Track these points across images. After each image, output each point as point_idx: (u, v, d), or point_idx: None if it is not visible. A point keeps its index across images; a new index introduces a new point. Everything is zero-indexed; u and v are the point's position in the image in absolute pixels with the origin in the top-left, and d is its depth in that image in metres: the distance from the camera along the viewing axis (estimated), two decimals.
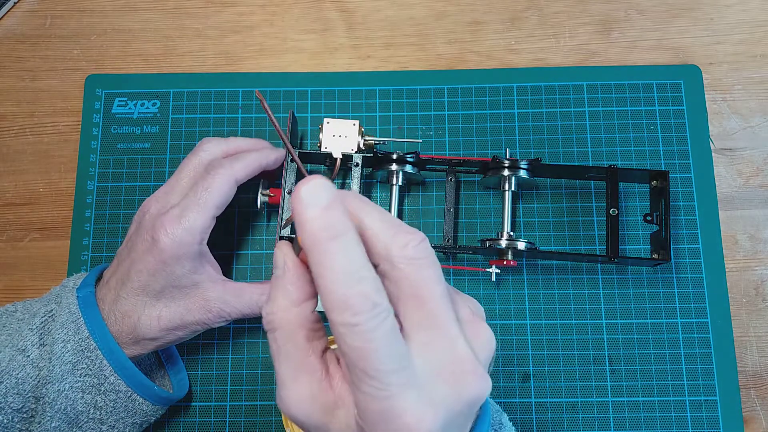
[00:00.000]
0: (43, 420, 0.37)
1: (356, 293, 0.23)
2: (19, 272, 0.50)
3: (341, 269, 0.23)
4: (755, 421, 0.47)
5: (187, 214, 0.39)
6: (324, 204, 0.23)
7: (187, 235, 0.39)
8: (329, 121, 0.48)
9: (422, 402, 0.24)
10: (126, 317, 0.39)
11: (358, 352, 0.23)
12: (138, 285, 0.39)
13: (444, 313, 0.25)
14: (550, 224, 0.50)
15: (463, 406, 0.25)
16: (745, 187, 0.51)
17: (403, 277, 0.25)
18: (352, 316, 0.23)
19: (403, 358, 0.24)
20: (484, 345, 0.27)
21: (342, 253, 0.23)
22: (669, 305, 0.48)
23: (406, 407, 0.23)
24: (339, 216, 0.23)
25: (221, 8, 0.55)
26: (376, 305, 0.23)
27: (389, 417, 0.23)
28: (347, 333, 0.23)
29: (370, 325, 0.23)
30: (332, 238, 0.23)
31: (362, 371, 0.23)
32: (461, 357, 0.25)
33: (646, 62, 0.53)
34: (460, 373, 0.25)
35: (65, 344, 0.38)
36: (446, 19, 0.55)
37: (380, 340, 0.23)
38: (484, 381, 0.25)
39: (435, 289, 0.25)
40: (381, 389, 0.23)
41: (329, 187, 0.23)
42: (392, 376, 0.23)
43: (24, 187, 0.52)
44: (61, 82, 0.54)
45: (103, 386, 0.38)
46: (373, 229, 0.25)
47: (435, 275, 0.25)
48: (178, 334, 0.41)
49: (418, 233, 0.26)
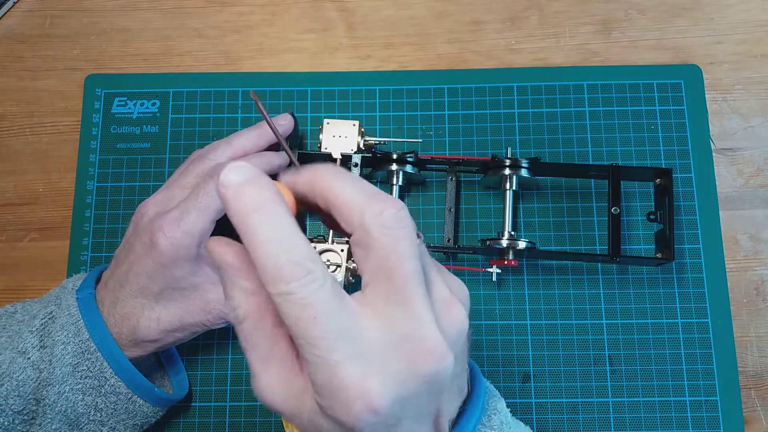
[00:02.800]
0: (43, 422, 0.37)
1: (286, 261, 0.23)
2: (19, 272, 0.50)
3: (267, 239, 0.23)
4: (756, 422, 0.46)
5: (186, 217, 0.39)
6: (240, 181, 0.24)
7: (186, 238, 0.38)
8: (329, 122, 0.48)
9: (371, 374, 0.23)
10: (125, 319, 0.39)
11: (297, 322, 0.23)
12: (136, 288, 0.39)
13: (411, 288, 0.24)
14: (550, 224, 0.50)
15: (419, 383, 0.24)
16: (746, 187, 0.51)
17: (374, 246, 0.24)
18: (285, 284, 0.23)
19: (351, 326, 0.23)
20: (452, 324, 0.26)
21: (267, 223, 0.23)
22: (669, 305, 0.48)
23: (351, 377, 0.23)
24: (259, 189, 0.24)
25: (221, 8, 0.55)
26: (310, 272, 0.23)
27: (336, 388, 0.23)
28: (283, 303, 0.23)
29: (305, 292, 0.23)
30: (254, 211, 0.23)
31: (304, 340, 0.23)
32: (423, 333, 0.24)
33: (647, 62, 0.53)
34: (419, 349, 0.24)
35: (65, 346, 0.37)
36: (446, 19, 0.54)
37: (318, 306, 0.23)
38: (443, 358, 0.24)
39: (405, 264, 0.24)
40: (324, 357, 0.23)
41: (246, 167, 0.24)
42: (335, 344, 0.23)
43: (23, 187, 0.52)
44: (60, 81, 0.54)
45: (103, 388, 0.38)
46: (348, 196, 0.25)
47: (408, 249, 0.25)
48: (178, 336, 0.41)
49: (397, 202, 0.25)
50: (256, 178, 0.24)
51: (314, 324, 0.23)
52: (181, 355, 0.47)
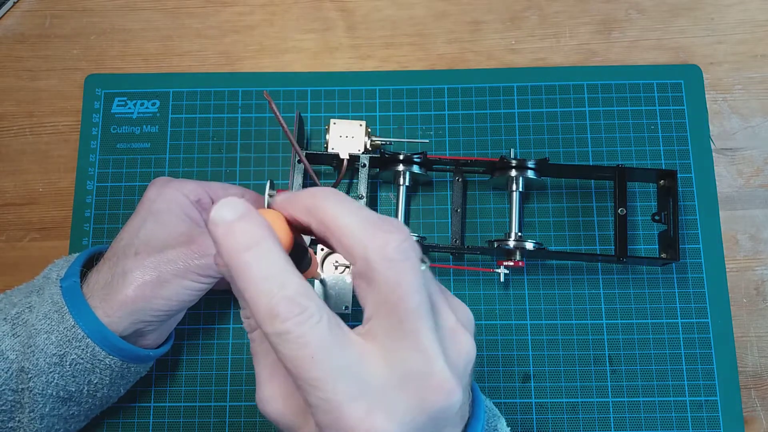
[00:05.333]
0: (35, 407, 0.37)
1: (280, 298, 0.22)
2: (19, 272, 0.50)
3: (260, 277, 0.22)
4: (756, 422, 0.46)
5: (181, 181, 0.42)
6: (231, 219, 0.23)
7: (175, 192, 0.41)
8: (336, 122, 0.48)
9: (376, 412, 0.22)
10: (115, 292, 0.38)
11: (295, 362, 0.22)
12: (131, 249, 0.38)
13: (417, 321, 0.23)
14: (550, 224, 0.50)
15: (426, 419, 0.23)
16: (746, 187, 0.51)
17: (378, 279, 0.23)
18: (281, 323, 0.22)
19: (352, 363, 0.23)
20: (460, 355, 0.25)
21: (259, 262, 0.23)
22: (669, 305, 0.48)
23: (356, 419, 0.22)
24: (250, 227, 0.23)
25: (221, 8, 0.55)
26: (305, 309, 0.22)
27: (340, 430, 0.22)
28: (280, 343, 0.22)
29: (301, 330, 0.22)
30: (246, 250, 0.23)
31: (304, 382, 0.22)
32: (430, 367, 0.23)
33: (647, 62, 0.53)
34: (427, 385, 0.23)
35: (48, 335, 0.37)
36: (446, 19, 0.54)
37: (315, 345, 0.22)
38: (452, 394, 0.23)
39: (411, 297, 0.23)
40: (326, 400, 0.22)
41: (237, 203, 0.23)
42: (336, 383, 0.22)
43: (23, 187, 0.52)
44: (60, 81, 0.54)
45: (97, 368, 0.38)
46: (349, 227, 0.24)
47: (413, 281, 0.24)
48: (164, 294, 0.38)
49: (401, 231, 0.24)
50: (247, 214, 0.23)
51: (313, 364, 0.22)
52: (181, 355, 0.47)
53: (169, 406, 0.47)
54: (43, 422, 0.38)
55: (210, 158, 0.52)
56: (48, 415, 0.38)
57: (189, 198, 0.42)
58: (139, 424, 0.46)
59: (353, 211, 0.25)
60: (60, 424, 0.39)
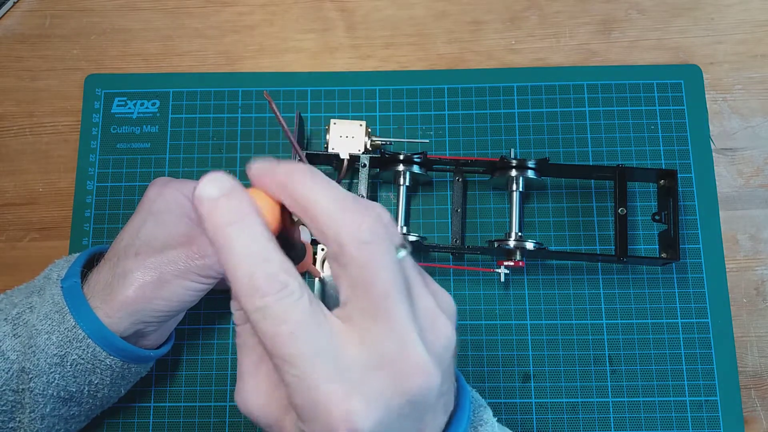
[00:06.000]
0: (35, 407, 0.37)
1: (261, 274, 0.22)
2: (19, 272, 0.50)
3: (242, 252, 0.23)
4: (756, 422, 0.46)
5: (181, 181, 0.42)
6: (215, 195, 0.23)
7: (175, 192, 0.41)
8: (336, 122, 0.48)
9: (353, 395, 0.22)
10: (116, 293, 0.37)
11: (273, 338, 0.22)
12: (132, 250, 0.38)
13: (392, 302, 0.23)
14: (550, 224, 0.50)
15: (404, 402, 0.23)
16: (746, 187, 0.51)
17: (350, 261, 0.23)
18: (261, 298, 0.22)
19: (329, 344, 0.22)
20: (438, 338, 0.25)
21: (241, 237, 0.23)
22: (669, 305, 0.48)
23: (332, 399, 0.22)
24: (234, 203, 0.23)
25: (221, 8, 0.55)
26: (285, 285, 0.22)
27: (317, 410, 0.22)
28: (259, 319, 0.22)
29: (281, 307, 0.22)
30: (229, 224, 0.23)
31: (281, 359, 0.22)
32: (405, 349, 0.23)
33: (647, 62, 0.53)
34: (403, 366, 0.23)
35: (49, 336, 0.37)
36: (446, 19, 0.54)
37: (295, 322, 0.22)
38: (429, 376, 0.23)
39: (383, 278, 0.23)
40: (302, 377, 0.22)
41: (223, 179, 0.24)
42: (314, 362, 0.22)
43: (23, 187, 0.52)
44: (60, 81, 0.54)
45: (98, 368, 0.38)
46: (323, 207, 0.24)
47: (387, 261, 0.23)
48: (164, 294, 0.38)
49: (373, 210, 0.24)
50: (232, 191, 0.24)
51: (292, 340, 0.22)
52: (181, 355, 0.47)
53: (169, 406, 0.47)
54: (43, 422, 0.38)
55: (210, 158, 0.52)
56: (49, 415, 0.38)
57: (189, 198, 0.42)
58: (139, 424, 0.46)
59: (328, 192, 0.24)
60: (60, 425, 0.39)
